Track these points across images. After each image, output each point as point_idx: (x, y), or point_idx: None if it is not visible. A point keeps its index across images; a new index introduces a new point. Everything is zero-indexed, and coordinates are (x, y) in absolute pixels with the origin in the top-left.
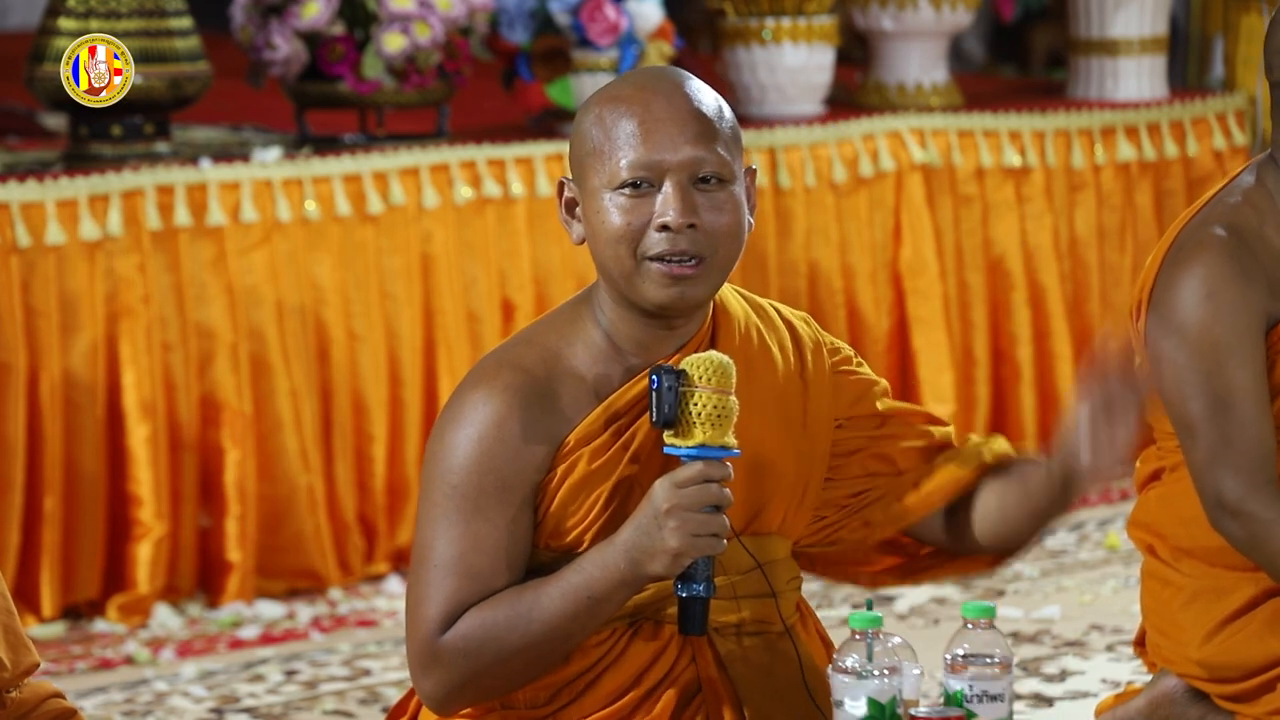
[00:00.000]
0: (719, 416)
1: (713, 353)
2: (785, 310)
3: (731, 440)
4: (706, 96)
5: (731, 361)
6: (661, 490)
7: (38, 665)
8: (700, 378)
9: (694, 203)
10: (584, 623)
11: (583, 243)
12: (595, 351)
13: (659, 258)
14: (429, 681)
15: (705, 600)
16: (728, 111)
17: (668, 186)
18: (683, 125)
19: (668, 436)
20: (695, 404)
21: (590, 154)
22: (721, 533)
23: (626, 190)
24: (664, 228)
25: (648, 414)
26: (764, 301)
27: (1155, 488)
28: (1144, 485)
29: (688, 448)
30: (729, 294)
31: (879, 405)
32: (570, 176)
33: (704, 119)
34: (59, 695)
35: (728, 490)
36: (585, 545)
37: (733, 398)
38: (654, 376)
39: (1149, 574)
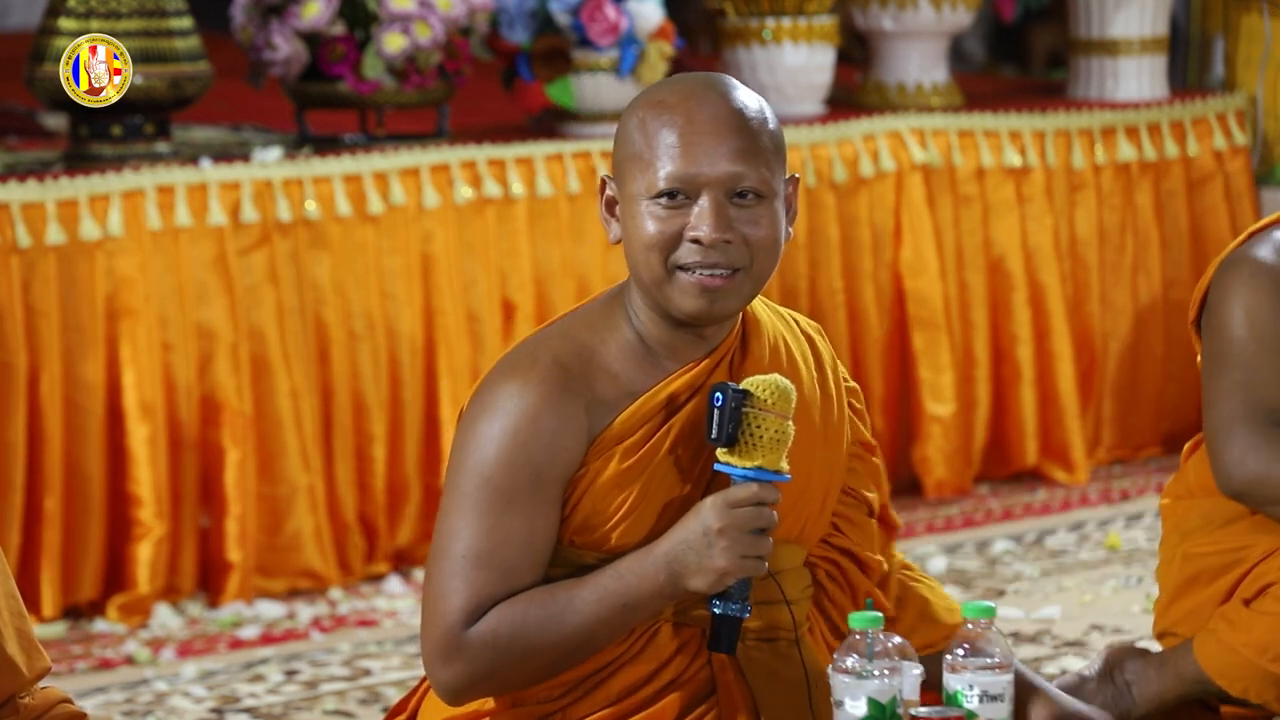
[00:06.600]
0: (778, 441)
1: (776, 376)
2: (804, 322)
3: (785, 465)
4: (751, 108)
5: (794, 387)
6: (714, 509)
7: (49, 669)
8: (765, 400)
9: (729, 217)
10: (614, 628)
11: (618, 242)
12: (628, 350)
13: (688, 268)
14: (448, 672)
15: (739, 620)
16: (772, 123)
17: (704, 200)
18: (723, 139)
19: (722, 454)
20: (757, 426)
21: (631, 158)
22: (767, 555)
23: (663, 200)
24: (696, 241)
25: (705, 428)
26: (785, 311)
27: None
28: None
29: (744, 469)
30: (756, 302)
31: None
32: (612, 175)
33: (746, 133)
34: (67, 700)
35: (775, 514)
36: (611, 543)
37: (791, 423)
38: (718, 394)
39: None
